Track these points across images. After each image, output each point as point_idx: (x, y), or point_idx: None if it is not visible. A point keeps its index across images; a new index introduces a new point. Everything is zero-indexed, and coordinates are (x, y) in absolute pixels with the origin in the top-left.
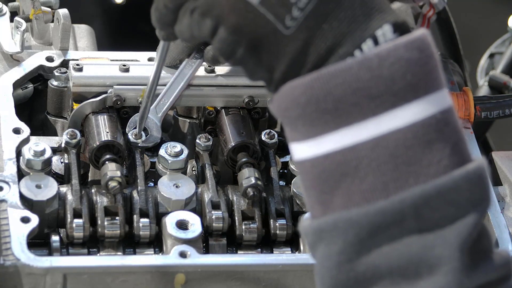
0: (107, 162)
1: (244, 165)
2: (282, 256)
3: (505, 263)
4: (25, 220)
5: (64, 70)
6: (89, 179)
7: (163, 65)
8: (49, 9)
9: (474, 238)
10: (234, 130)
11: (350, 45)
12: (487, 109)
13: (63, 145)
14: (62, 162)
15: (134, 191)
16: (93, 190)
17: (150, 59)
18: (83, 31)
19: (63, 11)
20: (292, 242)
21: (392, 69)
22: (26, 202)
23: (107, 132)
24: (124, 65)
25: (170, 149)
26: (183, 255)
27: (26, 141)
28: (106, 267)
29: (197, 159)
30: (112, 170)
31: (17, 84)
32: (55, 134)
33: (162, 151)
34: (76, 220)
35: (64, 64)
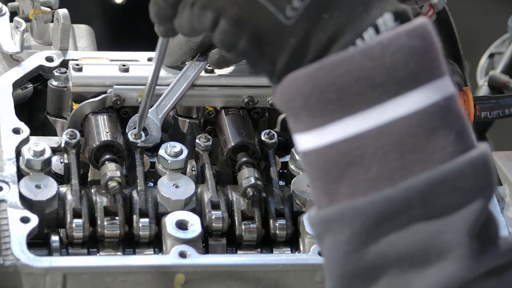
0: (106, 162)
1: (243, 165)
2: (282, 256)
3: (511, 248)
4: (24, 220)
5: (63, 70)
6: (88, 179)
7: (162, 63)
8: (48, 9)
9: (481, 224)
10: (234, 130)
11: (352, 34)
12: (487, 109)
13: (62, 145)
14: (61, 162)
15: (134, 191)
16: (92, 190)
17: (150, 59)
18: (82, 31)
19: (63, 11)
20: (292, 242)
21: (395, 57)
22: (26, 202)
23: (107, 132)
24: (124, 65)
25: (169, 149)
26: (182, 255)
27: (25, 141)
28: (106, 267)
29: (196, 159)
30: (111, 170)
31: (16, 84)
32: (55, 134)
33: (161, 151)
34: (75, 220)
35: (64, 64)
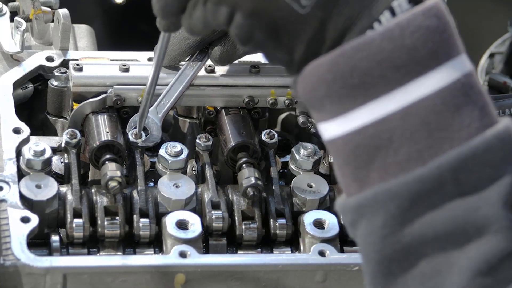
0: (107, 162)
1: (244, 165)
2: (282, 256)
3: None
4: (25, 220)
5: (64, 70)
6: (89, 179)
7: (163, 61)
8: (49, 9)
9: None
10: (234, 130)
11: (368, 18)
12: None
13: (63, 145)
14: (62, 162)
15: (134, 191)
16: (93, 190)
17: (150, 59)
18: (83, 31)
19: (63, 11)
20: (292, 242)
21: (414, 37)
22: (26, 202)
23: (107, 132)
24: (124, 65)
25: (170, 149)
26: (183, 255)
27: (26, 141)
28: (106, 267)
29: (197, 159)
30: (112, 170)
31: (17, 84)
32: (55, 134)
33: (162, 151)
34: (76, 220)
35: (64, 64)
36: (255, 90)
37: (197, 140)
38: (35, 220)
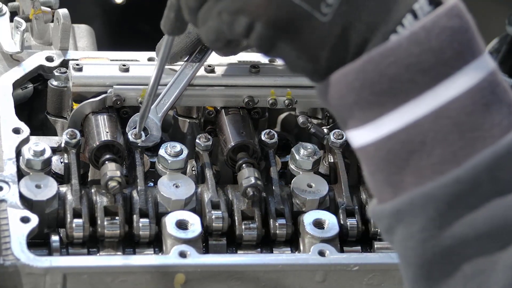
0: (106, 162)
1: (243, 165)
2: (281, 256)
3: None
4: (25, 220)
5: (64, 70)
6: (89, 179)
7: (165, 63)
8: (49, 9)
9: None
10: (234, 130)
11: (391, 22)
12: None
13: (62, 145)
14: (61, 162)
15: (134, 191)
16: (93, 190)
17: (150, 59)
18: (83, 31)
19: (63, 11)
20: (292, 242)
21: (439, 39)
22: (26, 202)
23: (107, 132)
24: (124, 65)
25: (170, 149)
26: (183, 255)
27: (26, 141)
28: (106, 267)
29: (197, 159)
30: (111, 170)
31: (17, 84)
32: (55, 134)
33: (162, 151)
34: (75, 220)
35: (64, 64)
36: (255, 90)
37: (197, 140)
38: (35, 220)
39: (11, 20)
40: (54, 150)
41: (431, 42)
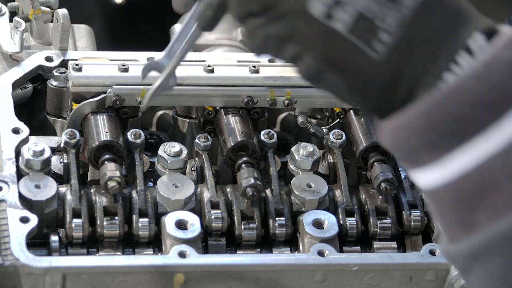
0: (106, 162)
1: (243, 165)
2: (281, 256)
3: None
4: (24, 220)
5: (63, 70)
6: (88, 179)
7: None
8: (48, 9)
9: None
10: (233, 130)
11: (445, 60)
12: None
13: (62, 145)
14: (61, 162)
15: (133, 191)
16: (92, 190)
17: (150, 59)
18: (82, 31)
19: (62, 11)
20: (291, 242)
21: (501, 73)
22: (25, 202)
23: (106, 132)
24: (124, 65)
25: (169, 149)
26: (182, 255)
27: (25, 141)
28: (105, 267)
29: (196, 159)
30: (111, 170)
31: (16, 84)
32: (54, 134)
33: (161, 151)
34: (75, 220)
35: (64, 64)
36: (254, 90)
37: (196, 140)
38: (34, 220)
39: (11, 20)
40: (54, 150)
41: (493, 77)
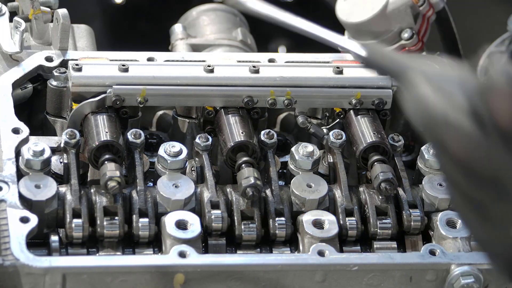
0: (106, 162)
1: (243, 165)
2: (281, 256)
3: None
4: (24, 220)
5: (63, 70)
6: (88, 179)
7: None
8: (48, 9)
9: None
10: (233, 130)
11: None
12: None
13: (62, 145)
14: (61, 162)
15: (133, 191)
16: (92, 190)
17: (150, 59)
18: (82, 31)
19: (62, 11)
20: (292, 242)
21: None
22: (25, 202)
23: (107, 132)
24: (124, 65)
25: (169, 149)
26: (182, 255)
27: (25, 141)
28: (106, 267)
29: (196, 159)
30: (111, 170)
31: (16, 84)
32: (55, 134)
33: (161, 151)
34: (75, 220)
35: (64, 64)
36: (254, 90)
37: (196, 140)
38: (34, 220)
39: (11, 20)
40: (54, 150)
41: None
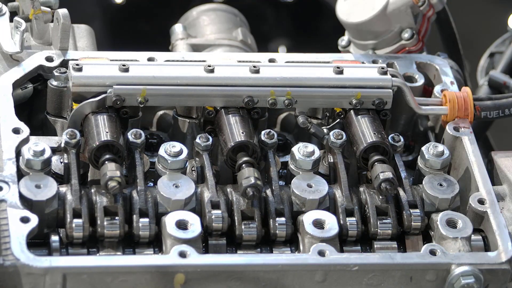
0: (106, 162)
1: (243, 165)
2: (281, 256)
3: None
4: (24, 220)
5: (63, 70)
6: (88, 179)
7: None
8: (48, 9)
9: None
10: (234, 130)
11: None
12: (486, 108)
13: (62, 145)
14: (61, 162)
15: (134, 191)
16: (92, 190)
17: (150, 59)
18: (82, 31)
19: (63, 11)
20: (292, 242)
21: None
22: (26, 202)
23: (107, 132)
24: (124, 65)
25: (169, 149)
26: (182, 255)
27: (25, 141)
28: (106, 267)
29: (196, 159)
30: (111, 170)
31: (16, 84)
32: (55, 134)
33: (161, 151)
34: (75, 220)
35: (64, 64)
36: (254, 90)
37: (196, 140)
38: (34, 220)
39: (11, 20)
40: (54, 150)
41: None
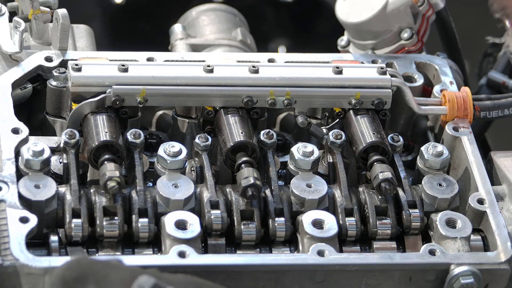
0: (106, 162)
1: (243, 165)
2: (281, 256)
3: None
4: (23, 220)
5: (63, 70)
6: (88, 179)
7: None
8: (48, 9)
9: None
10: (233, 130)
11: None
12: (486, 108)
13: (62, 145)
14: (61, 162)
15: (133, 191)
16: (92, 190)
17: (149, 59)
18: (82, 31)
19: (62, 11)
20: (291, 242)
21: None
22: (25, 202)
23: (106, 132)
24: (123, 65)
25: (169, 149)
26: (182, 255)
27: (25, 141)
28: None
29: (196, 159)
30: (111, 170)
31: (16, 84)
32: (54, 134)
33: (161, 151)
34: (75, 220)
35: (63, 64)
36: (254, 90)
37: (195, 140)
38: (34, 220)
39: (10, 20)
40: (53, 150)
41: None
